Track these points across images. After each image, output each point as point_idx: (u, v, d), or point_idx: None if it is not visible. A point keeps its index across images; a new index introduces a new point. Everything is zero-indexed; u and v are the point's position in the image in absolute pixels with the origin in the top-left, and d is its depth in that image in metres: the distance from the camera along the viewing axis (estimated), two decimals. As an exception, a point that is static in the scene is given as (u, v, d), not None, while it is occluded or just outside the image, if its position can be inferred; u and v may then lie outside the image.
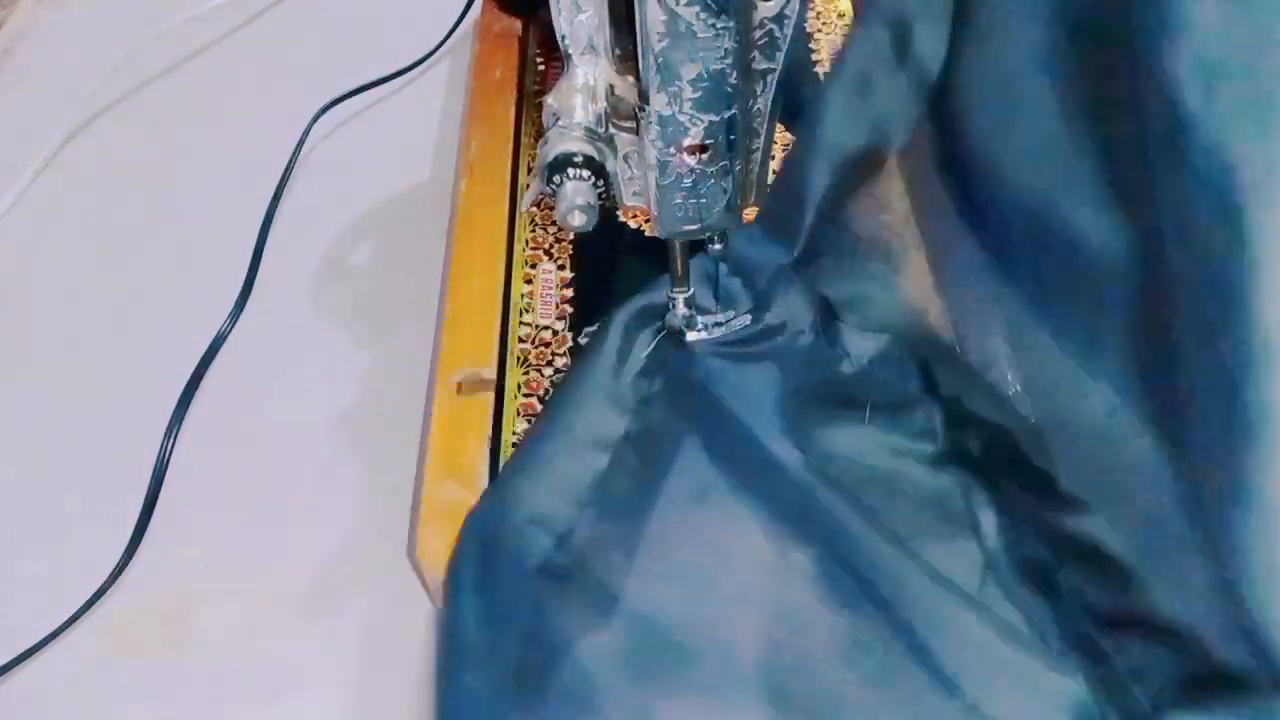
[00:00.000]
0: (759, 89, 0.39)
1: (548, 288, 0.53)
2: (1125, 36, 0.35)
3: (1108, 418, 0.40)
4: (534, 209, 0.56)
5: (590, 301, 0.52)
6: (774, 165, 0.56)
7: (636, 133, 0.40)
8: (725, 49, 0.36)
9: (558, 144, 0.38)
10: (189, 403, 0.55)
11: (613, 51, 0.39)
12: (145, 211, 0.66)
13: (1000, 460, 0.44)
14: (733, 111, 0.38)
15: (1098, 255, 0.40)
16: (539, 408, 0.48)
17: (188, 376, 0.56)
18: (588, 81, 0.39)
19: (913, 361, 0.47)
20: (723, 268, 0.48)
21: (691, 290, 0.47)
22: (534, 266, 0.54)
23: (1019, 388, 0.45)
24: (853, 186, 0.49)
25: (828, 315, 0.49)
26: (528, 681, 0.39)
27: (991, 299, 0.46)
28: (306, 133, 0.68)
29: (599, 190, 0.39)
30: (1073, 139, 0.40)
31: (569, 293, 0.53)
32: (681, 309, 0.47)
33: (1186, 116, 0.32)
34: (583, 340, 0.49)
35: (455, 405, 0.48)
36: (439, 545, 0.43)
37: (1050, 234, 0.42)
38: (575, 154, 0.38)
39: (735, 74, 0.37)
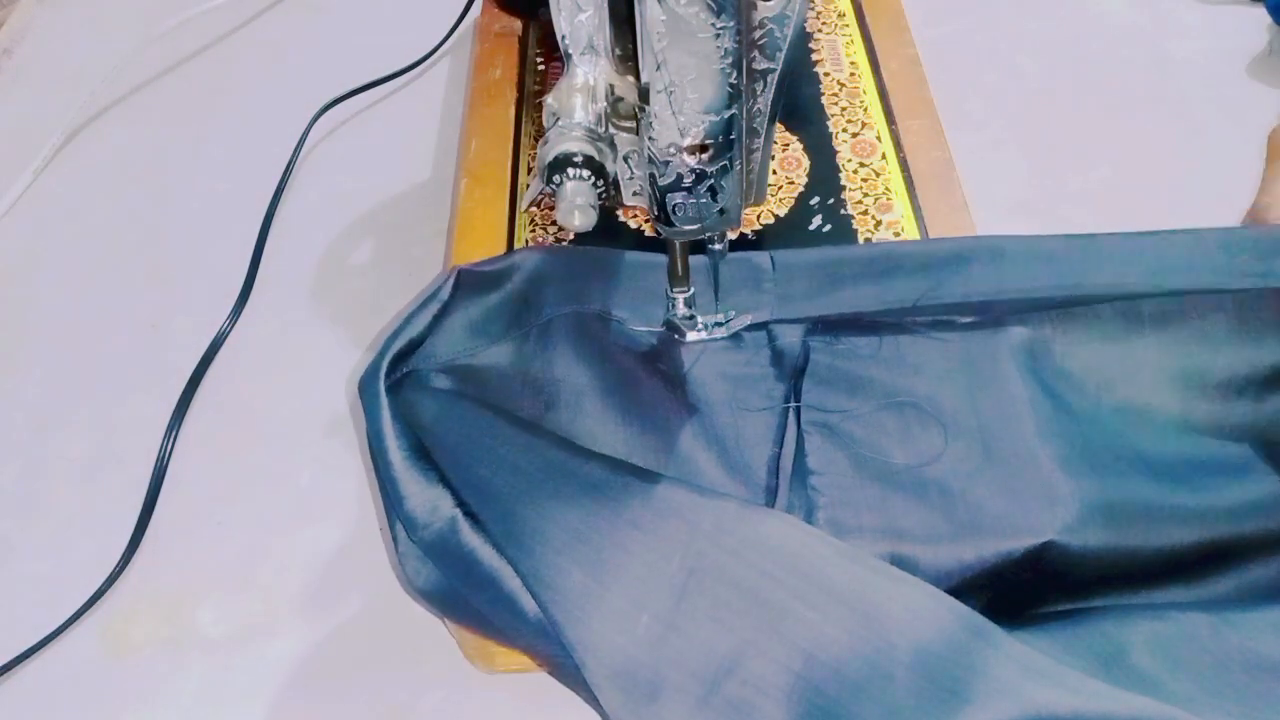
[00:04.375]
0: (759, 89, 0.39)
1: (548, 288, 0.53)
2: None
3: None
4: (534, 209, 0.56)
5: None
6: (774, 165, 0.56)
7: (636, 133, 0.40)
8: (725, 49, 0.36)
9: (558, 144, 0.38)
10: (189, 403, 0.55)
11: (613, 51, 0.39)
12: (145, 211, 0.66)
13: None
14: (733, 111, 0.38)
15: None
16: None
17: (188, 376, 0.56)
18: (588, 81, 0.39)
19: None
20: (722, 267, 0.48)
21: (692, 290, 0.47)
22: (534, 266, 0.54)
23: None
24: None
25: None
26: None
27: None
28: (306, 133, 0.68)
29: (599, 190, 0.39)
30: None
31: (569, 293, 0.53)
32: (681, 309, 0.47)
33: None
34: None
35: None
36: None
37: None
38: (575, 154, 0.38)
39: (735, 74, 0.37)
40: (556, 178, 0.38)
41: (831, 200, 0.55)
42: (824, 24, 0.65)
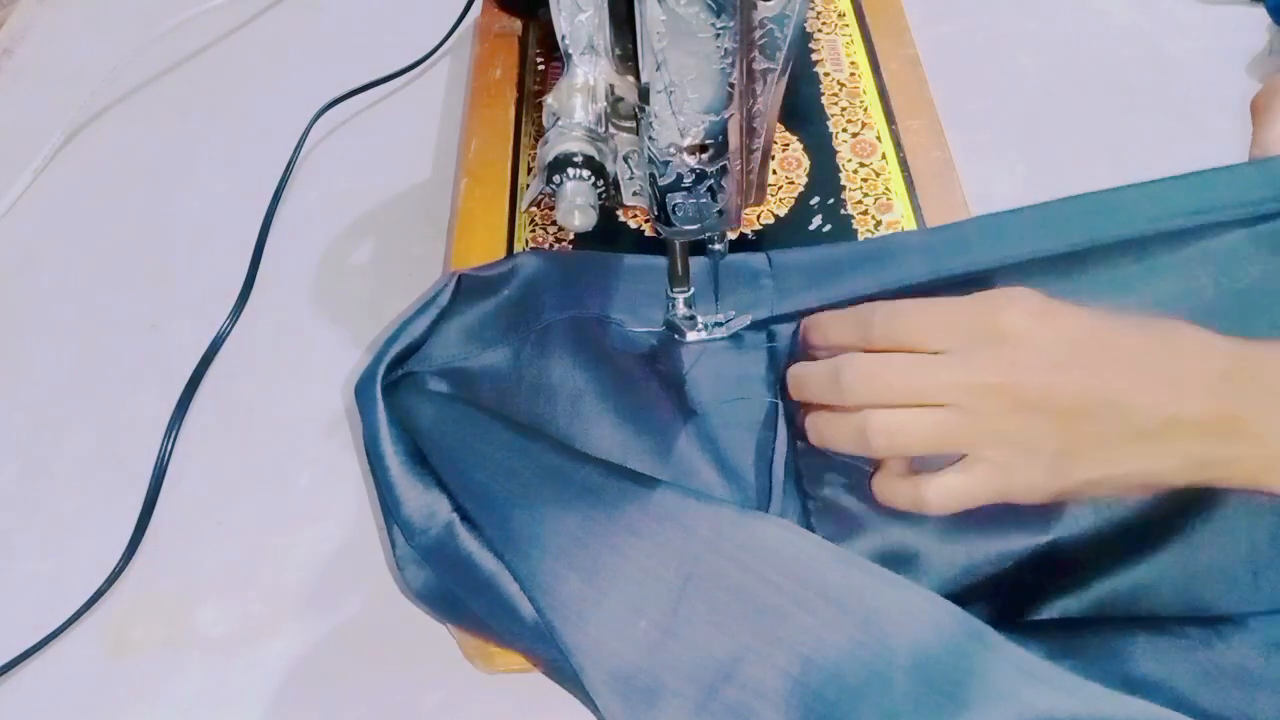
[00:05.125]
0: (759, 89, 0.39)
1: (548, 288, 0.53)
2: None
3: None
4: (534, 209, 0.56)
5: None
6: (774, 165, 0.56)
7: (636, 133, 0.40)
8: (725, 49, 0.36)
9: (558, 144, 0.38)
10: (189, 403, 0.55)
11: (613, 51, 0.39)
12: (145, 211, 0.66)
13: None
14: (733, 111, 0.38)
15: None
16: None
17: (188, 376, 0.56)
18: (588, 81, 0.39)
19: None
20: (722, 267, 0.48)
21: (692, 290, 0.47)
22: (534, 266, 0.54)
23: None
24: None
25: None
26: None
27: None
28: (306, 133, 0.68)
29: (599, 190, 0.39)
30: None
31: (569, 293, 0.53)
32: (681, 309, 0.47)
33: None
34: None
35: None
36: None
37: None
38: (575, 154, 0.38)
39: (735, 74, 0.37)
40: (556, 178, 0.38)
41: (831, 200, 0.55)
42: (824, 24, 0.65)
